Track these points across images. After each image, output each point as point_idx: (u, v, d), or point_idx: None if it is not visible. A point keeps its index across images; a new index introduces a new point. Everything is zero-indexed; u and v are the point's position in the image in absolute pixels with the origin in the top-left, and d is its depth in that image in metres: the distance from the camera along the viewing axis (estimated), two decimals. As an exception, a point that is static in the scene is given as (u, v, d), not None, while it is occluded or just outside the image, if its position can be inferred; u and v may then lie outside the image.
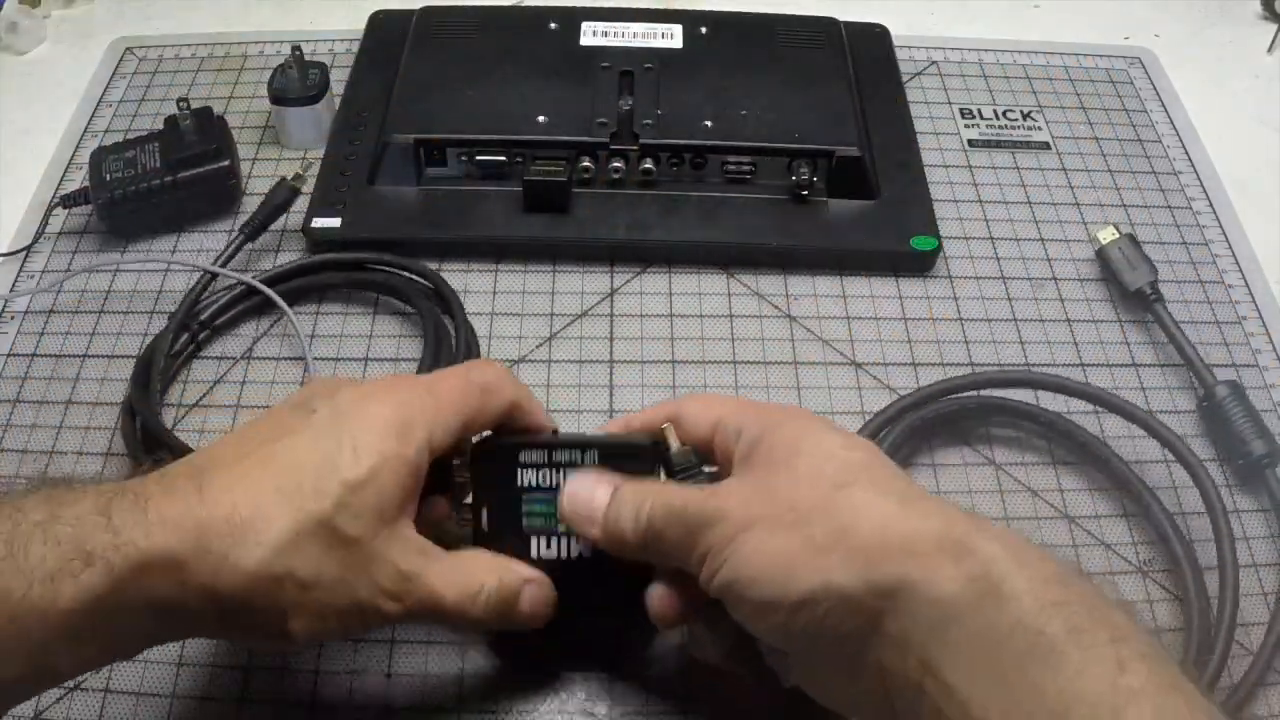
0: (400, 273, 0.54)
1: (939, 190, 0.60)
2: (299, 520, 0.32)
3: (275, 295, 0.52)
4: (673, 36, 0.63)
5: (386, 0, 0.69)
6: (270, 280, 0.53)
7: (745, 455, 0.35)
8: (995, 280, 0.57)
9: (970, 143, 0.64)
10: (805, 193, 0.57)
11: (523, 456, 0.37)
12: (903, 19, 0.70)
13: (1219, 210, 0.61)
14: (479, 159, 0.57)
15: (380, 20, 0.68)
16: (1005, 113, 0.66)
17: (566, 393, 0.51)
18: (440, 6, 0.65)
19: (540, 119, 0.57)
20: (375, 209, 0.57)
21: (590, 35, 0.63)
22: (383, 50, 0.65)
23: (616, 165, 0.57)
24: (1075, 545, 0.46)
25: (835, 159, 0.57)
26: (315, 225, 0.56)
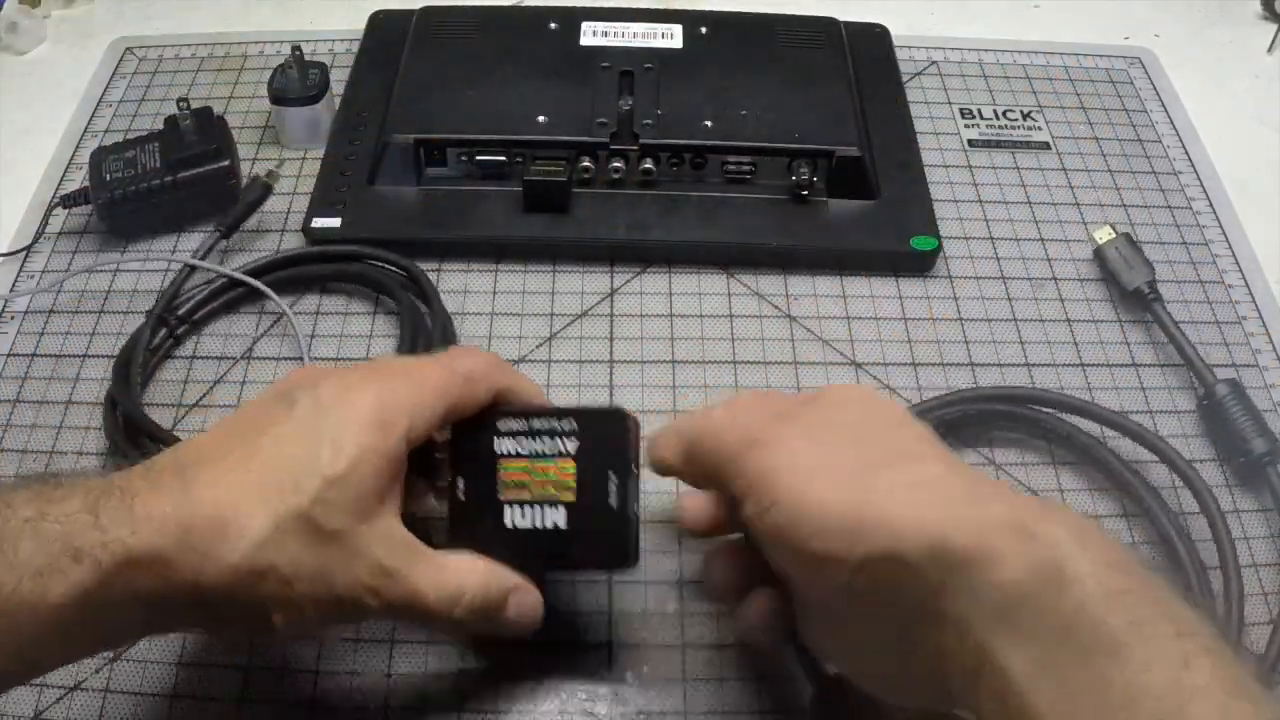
0: (375, 264, 0.54)
1: (939, 190, 0.60)
2: (279, 515, 0.32)
3: (261, 284, 0.52)
4: (673, 36, 0.63)
5: (386, 0, 0.69)
6: (250, 274, 0.53)
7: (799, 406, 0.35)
8: (995, 280, 0.57)
9: (970, 143, 0.64)
10: (805, 193, 0.57)
11: (500, 425, 0.37)
12: (903, 19, 0.70)
13: (1219, 210, 0.61)
14: (479, 159, 0.57)
15: (380, 20, 0.68)
16: (1005, 113, 0.66)
17: (566, 393, 0.51)
18: (440, 6, 0.65)
19: (540, 119, 0.57)
20: (375, 209, 0.57)
21: (590, 35, 0.63)
22: (383, 50, 0.65)
23: (616, 165, 0.57)
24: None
25: (835, 159, 0.57)
26: (315, 225, 0.56)
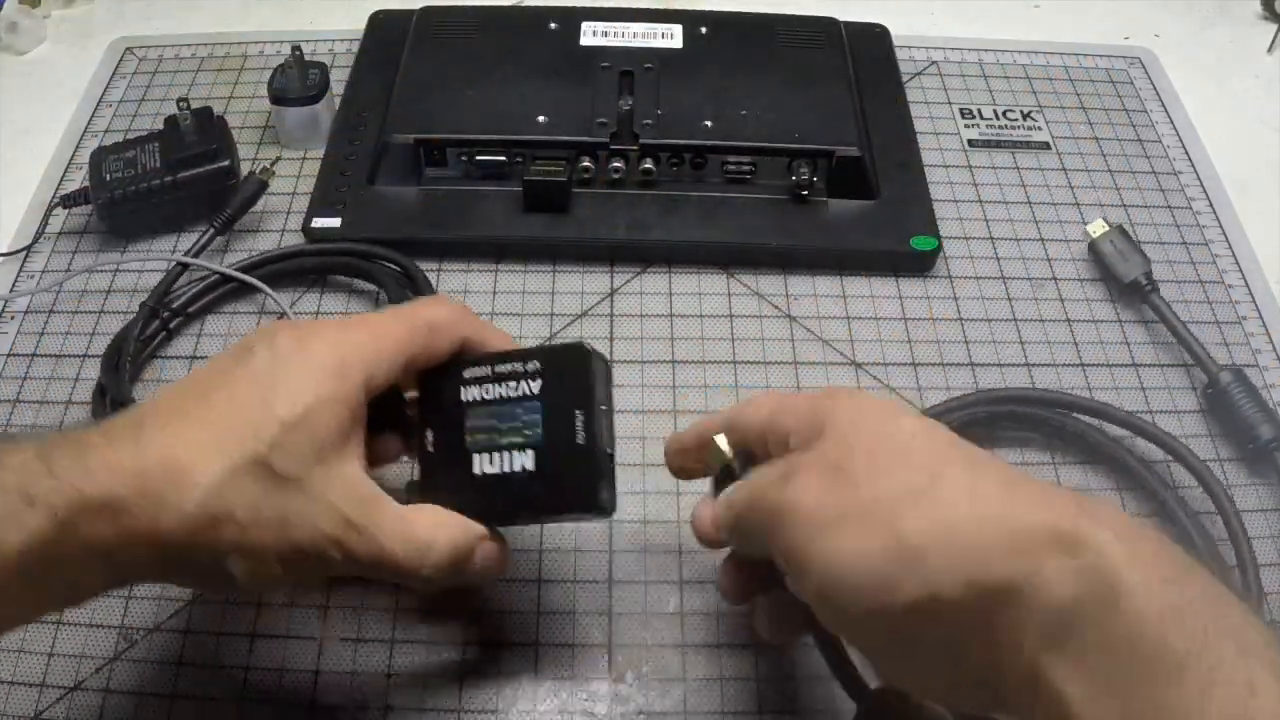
0: (365, 260, 0.54)
1: (939, 190, 0.60)
2: (235, 460, 0.32)
3: (255, 280, 0.52)
4: (673, 36, 0.63)
5: (386, 0, 0.69)
6: (241, 271, 0.53)
7: (813, 436, 0.32)
8: (995, 280, 0.57)
9: (970, 143, 0.64)
10: (805, 193, 0.57)
11: (466, 373, 0.37)
12: (903, 19, 0.70)
13: (1219, 210, 0.61)
14: (479, 159, 0.57)
15: (380, 20, 0.68)
16: (1005, 113, 0.66)
17: (566, 393, 0.51)
18: (440, 6, 0.65)
19: (540, 119, 0.57)
20: (375, 209, 0.57)
21: (590, 35, 0.63)
22: (383, 50, 0.65)
23: (616, 165, 0.57)
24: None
25: (835, 159, 0.57)
26: (315, 225, 0.56)
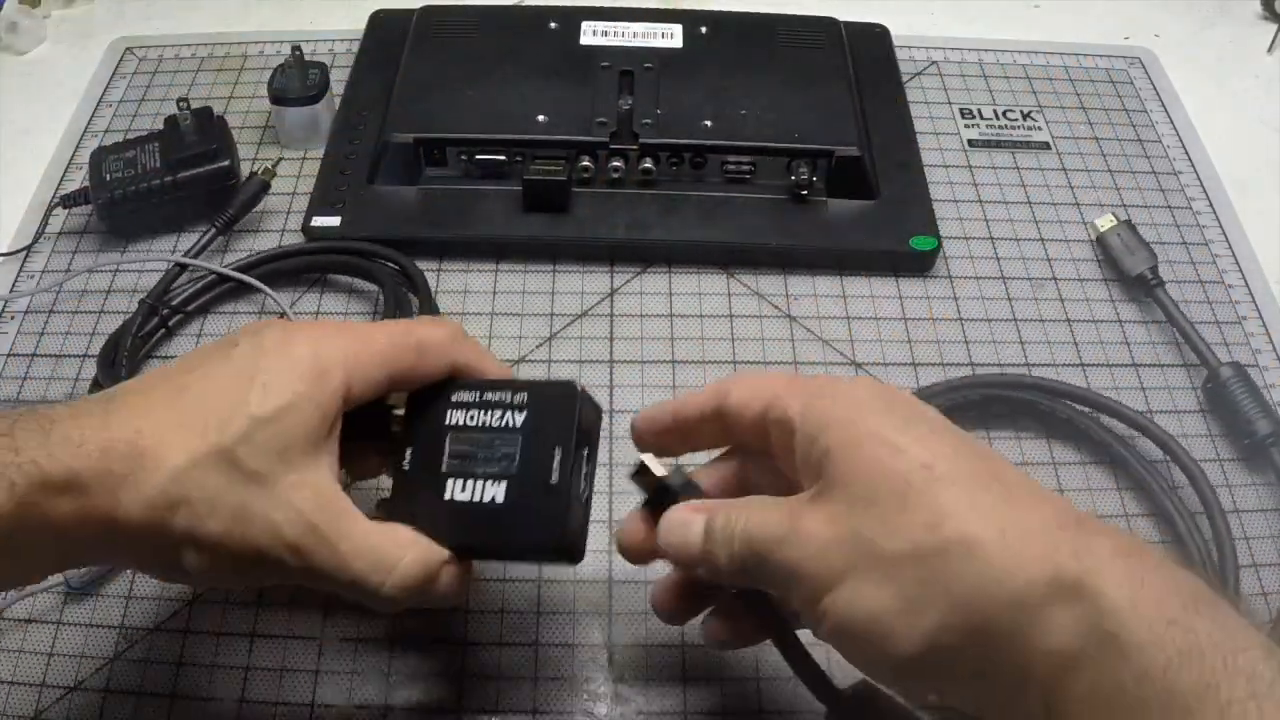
0: (361, 260, 0.54)
1: (939, 190, 0.60)
2: (200, 448, 0.31)
3: (253, 280, 0.53)
4: (673, 36, 0.63)
5: (386, 0, 0.69)
6: (242, 270, 0.54)
7: (813, 467, 0.32)
8: (995, 280, 0.57)
9: (970, 143, 0.64)
10: (805, 192, 0.57)
11: (455, 397, 0.37)
12: (903, 19, 0.70)
13: (1219, 210, 0.61)
14: (479, 158, 0.57)
15: (380, 20, 0.68)
16: (1005, 113, 0.66)
17: (566, 392, 0.51)
18: (440, 6, 0.65)
19: (540, 118, 0.57)
20: (375, 208, 0.57)
21: (590, 35, 0.63)
22: (383, 50, 0.65)
23: (616, 165, 0.57)
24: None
25: (835, 159, 0.57)
26: (315, 224, 0.56)
